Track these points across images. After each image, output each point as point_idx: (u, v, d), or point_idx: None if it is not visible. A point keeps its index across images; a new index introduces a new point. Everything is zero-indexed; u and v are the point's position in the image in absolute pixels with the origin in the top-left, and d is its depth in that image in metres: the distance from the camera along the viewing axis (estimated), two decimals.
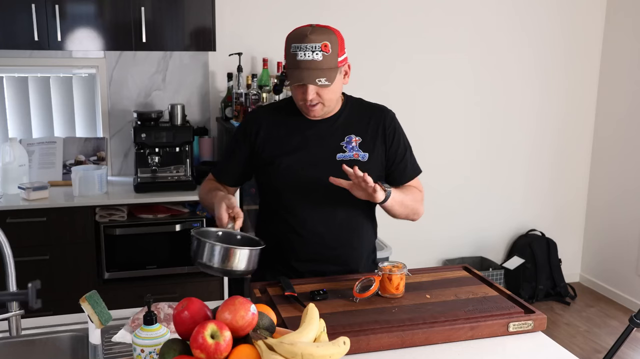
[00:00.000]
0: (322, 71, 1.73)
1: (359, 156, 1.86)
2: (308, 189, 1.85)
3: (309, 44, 1.72)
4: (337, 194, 1.80)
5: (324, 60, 1.73)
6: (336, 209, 1.87)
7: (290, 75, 1.77)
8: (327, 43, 1.73)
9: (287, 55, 1.77)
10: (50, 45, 3.15)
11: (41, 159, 3.44)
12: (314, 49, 1.72)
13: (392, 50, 3.98)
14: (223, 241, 1.61)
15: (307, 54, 1.72)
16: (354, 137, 1.87)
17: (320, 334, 1.34)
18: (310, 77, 1.73)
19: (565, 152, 4.46)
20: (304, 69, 1.73)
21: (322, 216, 1.87)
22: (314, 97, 1.78)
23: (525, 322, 1.58)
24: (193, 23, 3.32)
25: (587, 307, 4.22)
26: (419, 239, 4.23)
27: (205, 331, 1.21)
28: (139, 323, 1.47)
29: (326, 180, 1.76)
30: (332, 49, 1.74)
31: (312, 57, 1.72)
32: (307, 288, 1.73)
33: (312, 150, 1.86)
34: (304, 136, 1.87)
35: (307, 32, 1.74)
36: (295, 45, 1.74)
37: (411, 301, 1.67)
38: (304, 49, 1.72)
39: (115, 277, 3.21)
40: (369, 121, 1.91)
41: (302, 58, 1.72)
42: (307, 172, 1.84)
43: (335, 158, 1.84)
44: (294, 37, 1.76)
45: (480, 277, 1.87)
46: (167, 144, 3.31)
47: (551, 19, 4.22)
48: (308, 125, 1.88)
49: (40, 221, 3.05)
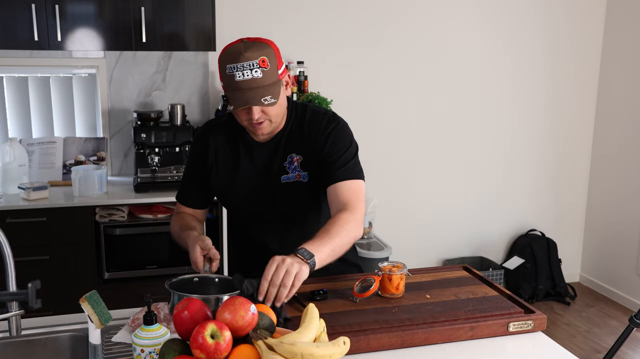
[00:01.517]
0: (265, 88, 1.62)
1: (300, 176, 1.80)
2: (258, 214, 1.86)
3: (245, 63, 1.60)
4: (289, 214, 1.83)
5: (264, 76, 1.62)
6: (289, 229, 1.86)
7: (232, 98, 1.64)
8: (264, 58, 1.62)
9: (223, 76, 1.65)
10: (50, 45, 3.15)
11: (41, 159, 3.44)
12: (252, 67, 1.60)
13: (393, 49, 3.97)
14: (200, 288, 1.56)
15: (245, 73, 1.60)
16: (294, 157, 1.80)
17: (320, 334, 1.34)
18: (255, 98, 1.62)
19: (566, 152, 4.46)
20: (244, 89, 1.61)
21: (276, 236, 1.86)
22: (259, 116, 1.67)
23: (525, 322, 1.58)
24: (193, 23, 3.32)
25: (587, 307, 4.22)
26: (419, 239, 4.23)
27: (205, 331, 1.21)
28: (139, 323, 1.46)
29: (276, 203, 1.80)
30: (270, 64, 1.63)
31: (252, 76, 1.61)
32: (307, 287, 1.73)
33: (259, 173, 1.82)
34: (250, 158, 1.82)
35: (240, 49, 1.62)
36: (230, 66, 1.61)
37: (411, 301, 1.67)
38: (241, 68, 1.60)
39: (115, 277, 3.21)
40: (309, 134, 1.80)
41: (240, 78, 1.61)
42: (256, 197, 1.83)
43: (280, 181, 1.80)
44: (227, 57, 1.63)
45: (480, 277, 1.87)
46: (167, 144, 3.31)
47: (552, 20, 4.21)
48: (254, 145, 1.82)
49: (40, 221, 3.05)
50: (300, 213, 1.86)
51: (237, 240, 2.01)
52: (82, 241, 3.13)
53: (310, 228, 1.74)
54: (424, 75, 4.06)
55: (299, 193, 1.81)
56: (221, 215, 3.28)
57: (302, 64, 3.64)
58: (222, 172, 1.85)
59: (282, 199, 1.82)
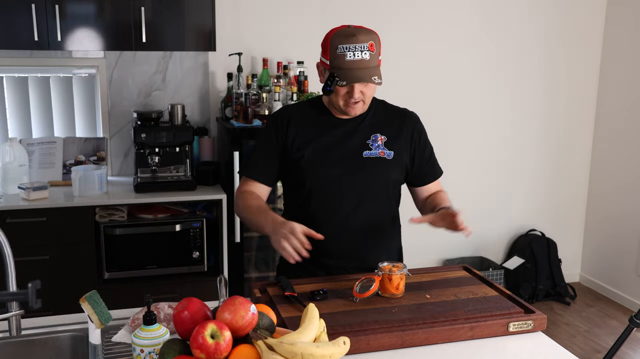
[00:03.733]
0: (373, 69, 1.78)
1: (384, 153, 1.90)
2: (335, 185, 1.88)
3: (357, 44, 1.76)
4: (364, 191, 1.88)
5: (371, 59, 1.77)
6: (362, 205, 1.90)
7: (342, 75, 1.77)
8: (372, 43, 1.78)
9: (333, 56, 1.78)
10: (50, 45, 3.15)
11: (41, 159, 3.44)
12: (362, 49, 1.76)
13: (395, 47, 3.97)
14: None
15: (356, 54, 1.76)
16: (379, 136, 1.91)
17: (320, 334, 1.34)
18: (366, 77, 1.76)
19: (565, 152, 4.46)
20: (354, 68, 1.76)
21: (348, 212, 1.89)
22: (359, 96, 1.81)
23: (525, 322, 1.58)
24: (193, 23, 3.32)
25: (587, 307, 4.22)
26: (419, 239, 4.21)
27: (205, 331, 1.21)
28: (139, 323, 1.46)
29: (353, 176, 1.86)
30: (376, 49, 1.79)
31: (362, 57, 1.76)
32: (307, 287, 1.73)
33: (340, 147, 1.89)
34: (331, 133, 1.90)
35: (353, 32, 1.77)
36: (343, 46, 1.76)
37: (411, 301, 1.67)
38: (354, 49, 1.75)
39: (115, 277, 3.21)
40: (394, 122, 1.96)
41: (351, 58, 1.75)
42: (334, 168, 1.88)
43: (362, 155, 1.88)
44: (341, 38, 1.78)
45: (480, 277, 1.87)
46: (167, 144, 3.31)
47: (551, 18, 4.21)
48: (335, 123, 1.92)
49: (40, 221, 3.05)
50: (375, 189, 1.91)
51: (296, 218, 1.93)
52: (82, 241, 3.13)
53: (379, 209, 1.92)
54: (424, 76, 4.06)
55: (380, 168, 1.89)
56: (221, 216, 3.29)
57: (302, 64, 3.64)
58: (302, 146, 1.89)
59: (363, 173, 1.88)
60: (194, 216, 3.32)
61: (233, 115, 3.47)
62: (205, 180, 3.45)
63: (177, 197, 3.26)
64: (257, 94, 3.47)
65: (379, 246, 1.96)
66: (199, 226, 3.28)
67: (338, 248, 1.90)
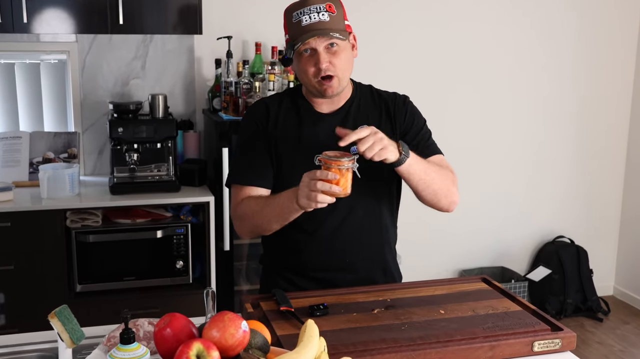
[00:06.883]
0: (333, 30, 1.77)
1: None
2: None
3: (312, 6, 1.77)
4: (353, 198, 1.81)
5: (332, 20, 1.77)
6: (352, 213, 1.89)
7: (299, 39, 1.77)
8: (330, 4, 1.79)
9: (290, 26, 1.80)
10: (15, 28, 3.15)
11: (4, 156, 3.45)
12: (318, 10, 1.77)
13: (407, 44, 3.97)
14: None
15: (312, 16, 1.77)
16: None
17: (321, 355, 1.34)
18: (324, 33, 1.75)
19: (597, 152, 4.47)
20: (312, 30, 1.76)
21: (338, 217, 1.89)
22: (327, 66, 1.78)
23: (552, 341, 1.58)
24: (176, 2, 3.32)
25: (621, 324, 4.23)
26: (433, 246, 4.23)
27: (190, 350, 1.21)
28: (115, 342, 1.47)
29: None
30: (337, 10, 1.80)
31: (319, 18, 1.76)
32: (305, 302, 1.73)
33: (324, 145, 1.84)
34: (313, 132, 1.90)
35: None
36: (297, 12, 1.78)
37: (423, 317, 1.67)
38: (308, 12, 1.77)
39: (88, 290, 3.22)
40: (381, 110, 1.95)
41: (307, 22, 1.76)
42: None
43: (350, 152, 1.84)
44: (293, 7, 1.81)
45: (501, 290, 1.88)
46: (147, 139, 3.31)
47: (585, 22, 4.24)
48: (317, 118, 1.91)
49: (4, 226, 3.05)
50: (366, 193, 1.88)
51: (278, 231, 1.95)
52: (51, 249, 3.14)
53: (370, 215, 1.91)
54: (438, 73, 4.06)
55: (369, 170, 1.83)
56: (208, 221, 3.29)
57: None
58: (283, 151, 1.89)
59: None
60: (177, 221, 3.32)
61: (222, 106, 3.48)
62: (191, 180, 3.45)
63: (159, 200, 3.26)
64: (249, 82, 3.48)
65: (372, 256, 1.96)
66: (183, 232, 3.28)
67: (327, 260, 1.91)
